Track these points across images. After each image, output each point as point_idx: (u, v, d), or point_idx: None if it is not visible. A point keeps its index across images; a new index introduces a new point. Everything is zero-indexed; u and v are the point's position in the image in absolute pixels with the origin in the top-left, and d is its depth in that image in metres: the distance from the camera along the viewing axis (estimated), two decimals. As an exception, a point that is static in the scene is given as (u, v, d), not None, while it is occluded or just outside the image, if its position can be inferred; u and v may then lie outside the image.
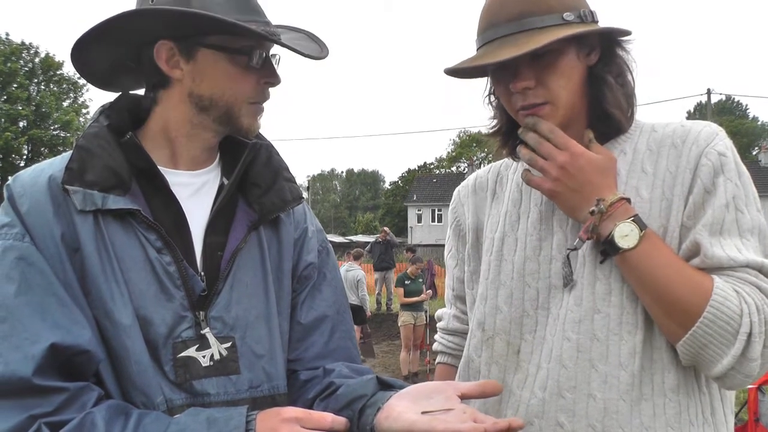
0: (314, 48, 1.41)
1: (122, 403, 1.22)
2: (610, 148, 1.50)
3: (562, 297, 1.48)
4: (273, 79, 1.39)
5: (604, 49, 1.48)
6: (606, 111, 1.48)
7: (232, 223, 1.41)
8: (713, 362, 1.31)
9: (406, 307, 10.91)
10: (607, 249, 1.39)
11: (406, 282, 11.05)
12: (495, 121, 1.63)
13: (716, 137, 1.43)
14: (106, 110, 1.39)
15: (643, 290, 1.37)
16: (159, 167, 1.34)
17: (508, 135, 1.61)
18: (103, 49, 1.35)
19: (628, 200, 1.39)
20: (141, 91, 1.45)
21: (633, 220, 1.36)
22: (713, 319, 1.29)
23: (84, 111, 37.95)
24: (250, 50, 1.33)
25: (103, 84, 1.46)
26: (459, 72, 1.51)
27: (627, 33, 1.47)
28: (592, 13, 1.45)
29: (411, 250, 18.77)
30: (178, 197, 1.35)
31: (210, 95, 1.34)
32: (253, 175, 1.45)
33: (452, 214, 1.83)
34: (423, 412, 1.13)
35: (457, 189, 1.84)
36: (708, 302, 1.30)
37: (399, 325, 11.00)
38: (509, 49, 1.38)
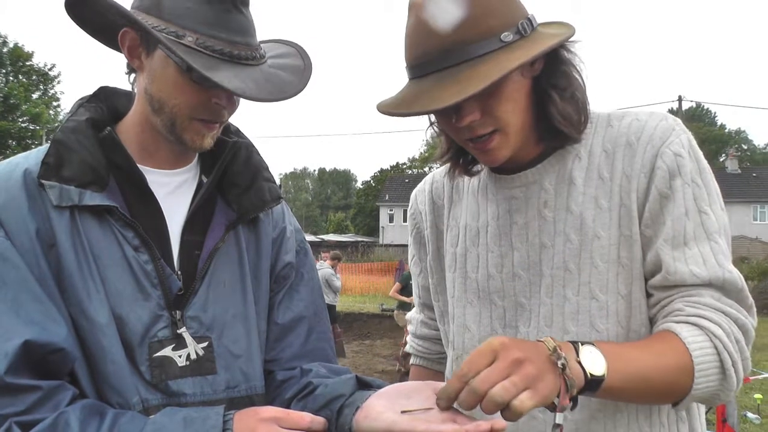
0: (278, 82, 1.28)
1: (97, 402, 1.20)
2: (564, 154, 1.43)
3: (529, 316, 1.44)
4: (222, 101, 1.29)
5: (548, 57, 1.36)
6: (554, 127, 1.39)
7: (210, 222, 1.40)
8: (712, 401, 1.30)
9: (405, 306, 10.80)
10: (585, 390, 1.16)
11: (411, 281, 10.94)
12: (442, 147, 1.54)
13: (672, 133, 1.36)
14: (85, 103, 1.37)
15: (629, 398, 1.29)
16: (137, 165, 1.33)
17: (458, 155, 1.53)
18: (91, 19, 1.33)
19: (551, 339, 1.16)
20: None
21: (576, 346, 1.17)
22: (702, 380, 1.24)
23: (54, 104, 37.39)
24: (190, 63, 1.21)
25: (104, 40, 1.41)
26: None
27: (570, 36, 1.34)
28: (530, 20, 1.33)
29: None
30: (155, 195, 1.33)
31: (159, 98, 1.29)
32: (232, 174, 1.44)
33: (411, 220, 1.77)
34: (402, 412, 1.12)
35: (414, 193, 1.77)
36: (693, 375, 1.23)
37: (402, 326, 10.83)
38: (451, 89, 1.25)
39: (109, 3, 1.23)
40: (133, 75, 1.36)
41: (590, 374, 1.14)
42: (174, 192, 1.39)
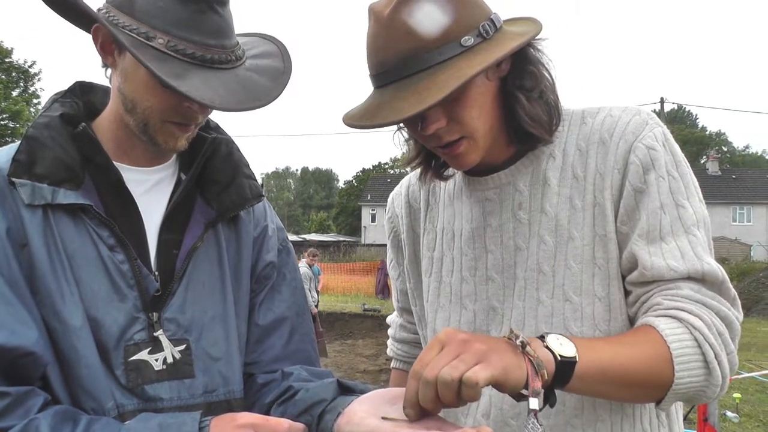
0: (252, 88, 1.24)
1: (70, 408, 1.16)
2: (537, 153, 1.40)
3: (501, 320, 1.41)
4: (194, 105, 1.24)
5: (515, 57, 1.32)
6: (524, 130, 1.35)
7: (189, 221, 1.36)
8: (698, 399, 1.25)
9: None
10: (558, 374, 1.10)
11: None
12: (411, 152, 1.51)
13: (645, 127, 1.32)
14: (60, 99, 1.33)
15: (607, 391, 1.21)
16: (113, 162, 1.29)
17: (428, 159, 1.50)
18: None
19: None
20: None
21: (542, 337, 1.13)
22: (685, 374, 1.18)
23: (35, 101, 37.00)
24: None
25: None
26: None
27: (536, 34, 1.30)
28: (492, 21, 1.28)
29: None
30: (132, 193, 1.29)
31: (131, 98, 1.25)
32: (211, 170, 1.40)
33: (389, 224, 1.74)
34: (383, 418, 1.10)
35: (391, 196, 1.74)
36: (673, 366, 1.17)
37: None
38: (410, 99, 1.21)
39: (79, 4, 1.20)
40: (108, 70, 1.32)
41: (560, 355, 1.10)
42: (151, 190, 1.35)
